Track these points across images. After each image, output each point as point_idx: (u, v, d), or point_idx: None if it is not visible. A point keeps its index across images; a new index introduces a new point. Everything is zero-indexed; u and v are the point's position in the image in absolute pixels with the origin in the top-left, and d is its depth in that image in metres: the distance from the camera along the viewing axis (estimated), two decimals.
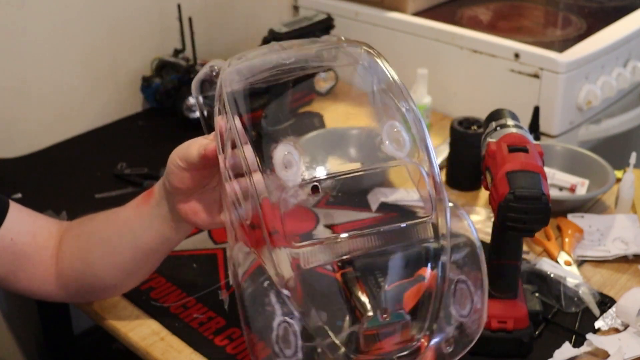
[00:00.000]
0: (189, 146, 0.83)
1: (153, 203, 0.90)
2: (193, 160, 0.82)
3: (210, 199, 0.88)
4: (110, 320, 1.03)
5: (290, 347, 0.68)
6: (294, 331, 0.68)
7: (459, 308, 0.72)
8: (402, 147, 0.74)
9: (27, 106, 1.46)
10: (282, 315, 0.68)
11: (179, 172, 0.84)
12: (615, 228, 1.18)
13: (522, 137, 0.92)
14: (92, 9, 1.50)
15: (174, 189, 0.86)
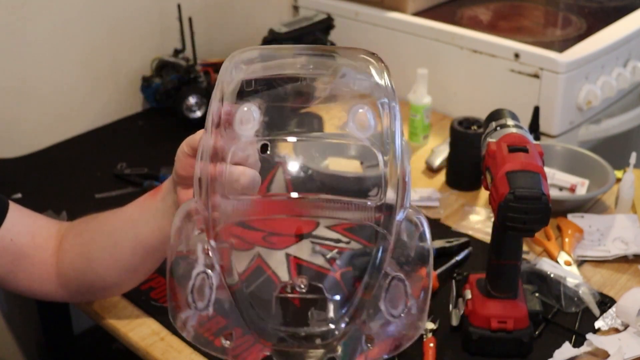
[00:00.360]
0: (196, 133, 0.82)
1: (159, 197, 0.90)
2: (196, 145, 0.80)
3: None
4: (110, 320, 1.03)
5: (203, 300, 0.67)
6: (210, 284, 0.67)
7: (389, 306, 0.69)
8: (365, 130, 0.72)
9: (27, 106, 1.46)
10: (203, 265, 0.67)
11: (184, 159, 0.83)
12: (615, 228, 1.18)
13: (522, 137, 0.92)
14: (92, 9, 1.50)
15: (178, 177, 0.86)
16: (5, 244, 0.92)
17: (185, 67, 1.56)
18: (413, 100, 1.47)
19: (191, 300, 0.67)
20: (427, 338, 0.97)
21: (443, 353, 0.96)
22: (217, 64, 1.63)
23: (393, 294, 0.68)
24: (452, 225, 1.22)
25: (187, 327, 0.69)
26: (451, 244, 1.15)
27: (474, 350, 0.96)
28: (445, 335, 0.99)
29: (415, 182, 1.37)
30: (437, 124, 1.57)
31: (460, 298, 1.01)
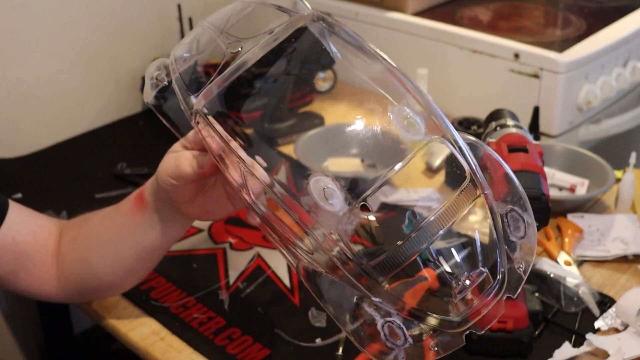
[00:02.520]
0: (177, 163, 0.82)
1: (150, 210, 0.90)
2: (188, 177, 0.82)
3: (214, 195, 0.87)
4: (110, 320, 1.03)
5: (399, 338, 0.70)
6: (397, 325, 0.71)
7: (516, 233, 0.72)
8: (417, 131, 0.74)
9: (27, 106, 1.46)
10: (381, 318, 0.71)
11: (175, 190, 0.84)
12: (615, 228, 1.18)
13: (522, 137, 0.92)
14: (92, 10, 1.50)
15: (178, 204, 0.86)
16: (6, 242, 0.92)
17: None
18: None
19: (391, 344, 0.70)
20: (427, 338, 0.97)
21: None
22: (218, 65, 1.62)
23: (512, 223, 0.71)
24: None
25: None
26: (451, 244, 1.15)
27: (473, 350, 0.96)
28: None
29: (415, 182, 1.37)
30: None
31: None
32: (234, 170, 0.76)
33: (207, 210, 0.87)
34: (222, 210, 0.88)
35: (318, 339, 0.98)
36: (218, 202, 0.87)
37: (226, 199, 0.87)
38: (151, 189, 0.89)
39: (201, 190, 0.86)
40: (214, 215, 0.88)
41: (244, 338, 0.99)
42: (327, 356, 0.95)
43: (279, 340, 0.98)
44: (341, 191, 0.69)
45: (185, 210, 0.87)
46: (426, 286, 1.02)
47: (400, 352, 0.70)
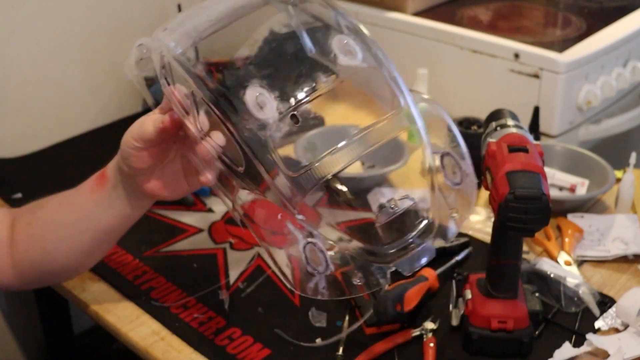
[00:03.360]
0: (142, 125, 0.84)
1: (109, 187, 0.90)
2: (150, 136, 0.83)
3: (171, 171, 0.89)
4: (110, 320, 1.03)
5: (321, 263, 0.72)
6: (319, 248, 0.73)
7: (451, 177, 0.77)
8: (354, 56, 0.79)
9: (27, 106, 1.46)
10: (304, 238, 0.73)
11: (137, 153, 0.85)
12: (615, 228, 1.18)
13: (522, 137, 0.92)
14: (92, 10, 1.50)
15: (135, 171, 0.87)
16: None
17: None
18: None
19: (312, 269, 0.72)
20: (427, 338, 0.97)
21: (443, 353, 0.96)
22: (219, 64, 1.62)
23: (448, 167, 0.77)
24: None
25: (320, 290, 0.74)
26: (451, 244, 1.15)
27: (474, 350, 0.96)
28: (445, 335, 0.99)
29: (414, 182, 1.37)
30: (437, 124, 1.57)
31: (461, 298, 1.01)
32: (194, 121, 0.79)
33: (163, 185, 0.88)
34: (178, 188, 0.89)
35: (318, 339, 0.98)
36: (174, 178, 0.89)
37: (182, 177, 0.89)
38: (114, 164, 0.90)
39: (159, 163, 0.87)
40: (168, 191, 0.89)
41: (244, 338, 0.99)
42: (327, 356, 0.95)
43: (279, 340, 0.98)
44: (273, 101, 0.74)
45: (143, 184, 0.88)
46: (426, 286, 1.03)
47: (322, 280, 0.72)
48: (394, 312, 0.95)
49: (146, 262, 1.14)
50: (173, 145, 0.88)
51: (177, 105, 0.80)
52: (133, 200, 0.91)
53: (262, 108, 0.74)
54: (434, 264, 1.09)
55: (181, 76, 0.79)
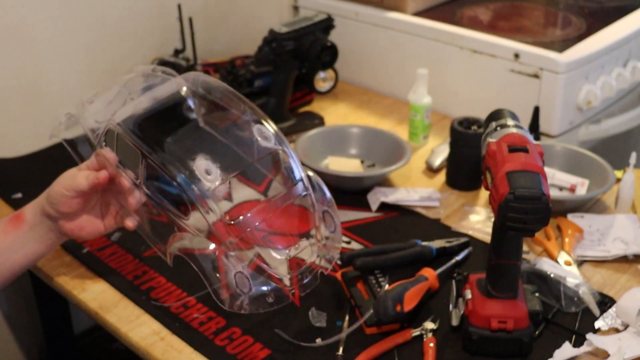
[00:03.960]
0: (74, 178, 1.00)
1: (25, 228, 1.02)
2: (83, 189, 0.99)
3: (91, 214, 1.04)
4: (110, 320, 1.03)
5: (246, 287, 0.93)
6: (246, 276, 0.94)
7: (326, 227, 1.01)
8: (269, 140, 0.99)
9: (27, 106, 1.46)
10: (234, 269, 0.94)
11: (66, 200, 0.99)
12: (615, 228, 1.18)
13: (522, 137, 0.92)
14: (92, 9, 1.50)
15: (61, 214, 1.00)
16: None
17: (186, 67, 1.56)
18: (413, 100, 1.47)
19: (239, 291, 0.93)
20: (427, 338, 0.97)
21: (443, 353, 0.96)
22: (218, 64, 1.63)
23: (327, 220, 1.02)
24: (452, 225, 1.22)
25: (244, 306, 0.94)
26: (451, 244, 1.15)
27: (474, 350, 0.96)
28: (445, 335, 0.99)
29: (415, 182, 1.37)
30: (437, 124, 1.57)
31: (460, 298, 1.01)
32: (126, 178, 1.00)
33: (82, 226, 1.03)
34: (95, 229, 1.04)
35: (318, 339, 0.98)
36: (92, 221, 1.04)
37: (100, 220, 1.04)
38: (34, 206, 1.03)
39: (85, 206, 1.02)
40: (85, 232, 1.03)
41: (244, 338, 0.99)
42: (327, 356, 0.95)
43: (279, 340, 0.98)
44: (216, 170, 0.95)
45: (63, 225, 1.01)
46: (426, 286, 1.03)
47: (245, 298, 0.93)
48: (394, 312, 0.95)
49: (146, 262, 1.14)
50: (94, 195, 1.03)
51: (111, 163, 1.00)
52: (48, 240, 1.03)
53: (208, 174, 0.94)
54: (434, 264, 1.10)
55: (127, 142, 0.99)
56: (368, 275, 1.07)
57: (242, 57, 1.63)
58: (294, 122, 1.53)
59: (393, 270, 1.08)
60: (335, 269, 1.13)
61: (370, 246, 1.18)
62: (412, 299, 0.98)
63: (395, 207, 1.27)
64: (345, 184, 1.32)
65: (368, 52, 1.73)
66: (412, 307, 0.97)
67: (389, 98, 1.72)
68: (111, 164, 1.00)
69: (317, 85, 1.65)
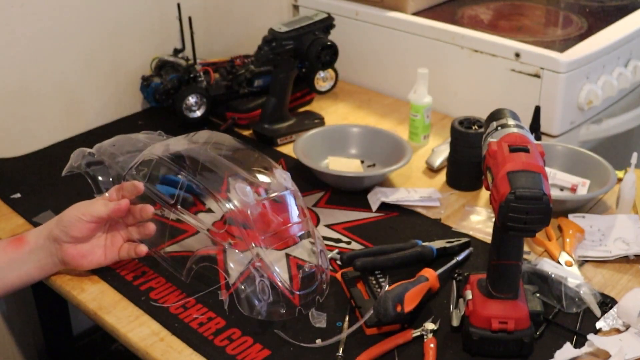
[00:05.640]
0: (92, 204, 1.05)
1: (26, 250, 1.04)
2: (101, 215, 1.03)
3: (96, 243, 1.06)
4: (110, 321, 1.03)
5: (266, 294, 1.00)
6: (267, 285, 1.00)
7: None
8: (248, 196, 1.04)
9: (27, 106, 1.46)
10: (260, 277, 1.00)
11: (80, 225, 1.03)
12: (616, 228, 1.18)
13: (523, 137, 0.91)
14: (92, 9, 1.50)
15: (70, 238, 1.03)
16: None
17: (185, 67, 1.56)
18: (413, 100, 1.47)
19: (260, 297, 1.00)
20: (428, 339, 0.96)
21: (444, 353, 0.96)
22: (217, 64, 1.62)
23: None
24: (452, 226, 1.22)
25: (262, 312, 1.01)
26: (452, 244, 1.14)
27: (474, 351, 0.95)
28: (445, 335, 0.98)
29: (415, 182, 1.37)
30: (438, 123, 1.57)
31: (461, 298, 1.00)
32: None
33: (83, 254, 1.05)
34: (95, 259, 1.07)
35: (318, 339, 0.97)
36: (94, 252, 1.06)
37: (102, 250, 1.07)
38: (38, 230, 1.06)
39: (94, 234, 1.05)
40: (86, 260, 1.06)
41: (243, 339, 0.99)
42: (327, 357, 0.95)
43: (279, 340, 0.98)
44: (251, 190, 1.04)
45: (67, 250, 1.04)
46: (427, 287, 1.02)
47: (264, 306, 1.00)
48: (395, 313, 0.95)
49: (145, 262, 1.13)
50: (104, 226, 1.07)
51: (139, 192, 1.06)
52: (45, 265, 1.06)
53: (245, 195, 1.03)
54: (434, 264, 1.09)
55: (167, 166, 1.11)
56: (368, 275, 1.07)
57: (242, 57, 1.63)
58: (294, 122, 1.53)
59: (393, 270, 1.07)
60: (336, 269, 1.12)
61: (371, 246, 1.17)
62: (412, 300, 0.97)
63: (396, 207, 1.27)
64: (345, 184, 1.32)
65: (368, 52, 1.73)
66: (412, 308, 0.97)
67: (389, 98, 1.71)
68: (138, 192, 1.06)
69: (317, 84, 1.65)
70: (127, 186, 1.06)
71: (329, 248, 1.16)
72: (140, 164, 1.15)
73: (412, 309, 0.97)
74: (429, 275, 1.03)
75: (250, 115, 1.56)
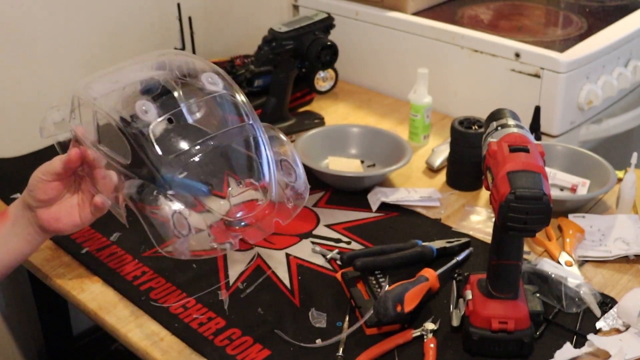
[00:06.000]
0: (49, 163, 1.00)
1: (8, 224, 1.03)
2: (57, 170, 0.99)
3: (68, 205, 1.03)
4: (110, 321, 1.03)
5: (184, 228, 0.92)
6: (185, 217, 0.92)
7: (287, 177, 1.01)
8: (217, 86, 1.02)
9: (27, 106, 1.45)
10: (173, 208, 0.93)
11: (42, 185, 1.00)
12: (616, 228, 1.18)
13: (523, 137, 0.91)
14: (92, 9, 1.50)
15: (38, 201, 1.00)
16: None
17: None
18: (413, 100, 1.47)
19: (177, 232, 0.92)
20: (428, 339, 0.96)
21: (444, 353, 0.96)
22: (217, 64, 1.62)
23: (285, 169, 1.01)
24: (452, 226, 1.22)
25: (184, 251, 0.93)
26: (452, 244, 1.14)
27: (474, 351, 0.95)
28: (445, 335, 0.98)
29: (415, 182, 1.37)
30: (438, 123, 1.57)
31: (461, 298, 1.00)
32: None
33: (57, 217, 1.02)
34: (71, 221, 1.03)
35: (318, 339, 0.97)
36: (69, 213, 1.02)
37: (76, 211, 1.03)
38: (18, 202, 1.03)
39: (60, 196, 1.02)
40: (61, 223, 1.02)
41: (244, 339, 0.99)
42: (327, 356, 0.95)
43: (279, 340, 0.98)
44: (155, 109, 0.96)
45: (40, 215, 1.01)
46: (427, 287, 1.02)
47: (184, 242, 0.92)
48: (395, 313, 0.95)
49: (145, 262, 1.13)
50: (71, 184, 1.03)
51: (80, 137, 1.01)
52: (27, 235, 1.03)
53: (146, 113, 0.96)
54: (434, 264, 1.09)
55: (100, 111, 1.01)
56: (368, 275, 1.07)
57: (242, 57, 1.63)
58: (294, 121, 1.53)
59: (393, 270, 1.07)
60: (335, 269, 1.12)
61: (371, 246, 1.17)
62: (412, 300, 0.97)
63: (396, 207, 1.27)
64: (345, 184, 1.32)
65: (368, 52, 1.73)
66: (412, 308, 0.97)
67: (389, 98, 1.71)
68: (82, 138, 1.00)
69: (317, 84, 1.65)
70: (75, 134, 1.02)
71: (329, 248, 1.16)
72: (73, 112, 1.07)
73: (412, 309, 0.97)
74: (429, 275, 1.03)
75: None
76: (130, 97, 1.01)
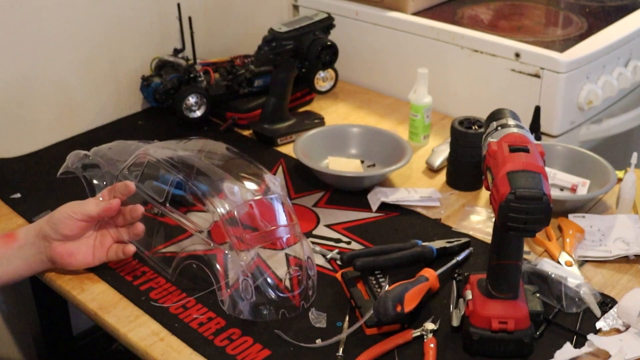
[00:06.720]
0: (84, 203, 1.06)
1: (16, 246, 1.05)
2: (92, 214, 1.04)
3: (85, 244, 1.07)
4: (110, 321, 1.03)
5: (249, 294, 1.01)
6: (250, 284, 1.01)
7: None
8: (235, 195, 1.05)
9: (27, 106, 1.45)
10: (243, 275, 1.01)
11: (70, 223, 1.03)
12: (616, 228, 1.18)
13: (523, 137, 0.91)
14: (92, 9, 1.49)
15: (60, 235, 1.04)
16: None
17: (185, 67, 1.56)
18: (413, 100, 1.47)
19: (243, 297, 1.01)
20: (428, 339, 0.96)
21: (444, 353, 0.96)
22: (217, 64, 1.62)
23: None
24: (452, 226, 1.22)
25: (244, 311, 1.01)
26: (452, 244, 1.14)
27: (474, 351, 0.95)
28: (445, 335, 0.98)
29: (415, 182, 1.37)
30: (438, 123, 1.57)
31: (461, 298, 1.00)
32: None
33: (72, 252, 1.06)
34: (83, 259, 1.07)
35: (318, 339, 0.97)
36: (83, 251, 1.07)
37: (91, 251, 1.07)
38: (28, 227, 1.07)
39: (84, 234, 1.06)
40: (74, 259, 1.06)
41: (244, 339, 0.99)
42: (327, 357, 0.95)
43: (279, 340, 0.98)
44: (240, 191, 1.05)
45: (55, 247, 1.04)
46: (427, 287, 1.02)
47: (247, 305, 1.01)
48: (395, 313, 0.95)
49: (145, 262, 1.13)
50: (95, 226, 1.08)
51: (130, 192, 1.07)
52: (33, 262, 1.06)
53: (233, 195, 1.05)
54: (434, 264, 1.09)
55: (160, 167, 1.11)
56: (368, 275, 1.07)
57: (242, 57, 1.63)
58: (293, 121, 1.53)
59: (393, 270, 1.07)
60: (336, 269, 1.12)
61: (371, 246, 1.17)
62: (412, 300, 0.97)
63: (396, 207, 1.27)
64: (345, 184, 1.32)
65: (368, 52, 1.73)
66: (412, 308, 0.97)
67: (389, 98, 1.71)
68: (129, 192, 1.06)
69: (317, 84, 1.65)
70: (119, 186, 1.07)
71: (329, 248, 1.16)
72: (133, 164, 1.16)
73: (412, 309, 0.97)
74: (429, 275, 1.03)
75: (250, 115, 1.56)
76: None
